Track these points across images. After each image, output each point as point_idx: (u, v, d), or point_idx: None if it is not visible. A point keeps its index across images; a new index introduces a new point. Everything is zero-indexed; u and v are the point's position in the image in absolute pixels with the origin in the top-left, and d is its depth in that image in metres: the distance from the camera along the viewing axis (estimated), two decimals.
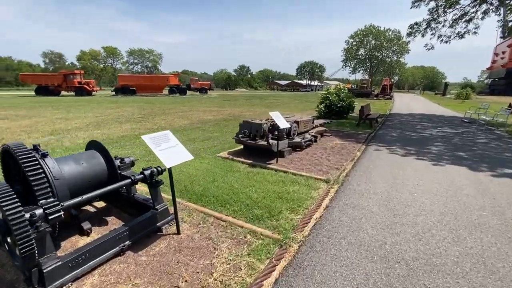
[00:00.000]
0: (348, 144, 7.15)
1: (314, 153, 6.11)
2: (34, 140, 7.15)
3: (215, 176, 4.46)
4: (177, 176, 4.39)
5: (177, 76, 37.54)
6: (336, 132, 9.15)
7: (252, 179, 4.33)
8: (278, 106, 21.81)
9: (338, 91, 12.73)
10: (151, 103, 22.39)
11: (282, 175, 4.58)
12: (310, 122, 7.12)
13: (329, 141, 7.61)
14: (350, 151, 6.40)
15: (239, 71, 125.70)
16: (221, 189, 3.90)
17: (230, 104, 23.02)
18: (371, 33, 63.43)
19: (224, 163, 5.22)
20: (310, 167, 5.04)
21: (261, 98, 33.41)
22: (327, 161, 5.47)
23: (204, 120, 11.83)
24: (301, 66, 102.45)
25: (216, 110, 16.84)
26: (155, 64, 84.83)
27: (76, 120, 11.22)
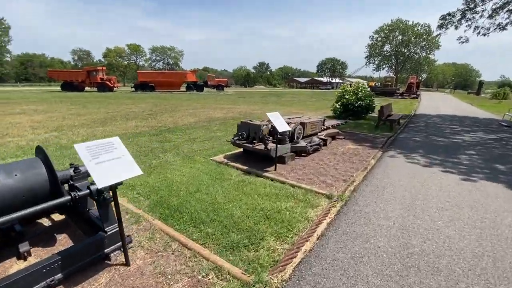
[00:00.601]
0: (362, 150, 6.33)
1: (321, 160, 5.39)
2: (35, 136, 7.06)
3: (200, 185, 3.93)
4: (156, 184, 3.91)
5: (194, 73, 37.62)
6: (350, 134, 8.30)
7: (240, 191, 3.75)
8: (294, 104, 20.97)
9: (356, 89, 11.73)
10: (166, 99, 22.45)
11: (278, 186, 3.95)
12: (320, 124, 6.38)
13: (341, 145, 6.82)
14: (363, 158, 5.60)
15: (258, 68, 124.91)
16: (201, 202, 3.36)
17: (244, 101, 22.51)
18: (398, 28, 59.86)
19: (216, 169, 4.68)
20: (312, 177, 4.35)
21: (278, 96, 32.62)
22: (334, 170, 4.75)
23: (212, 118, 11.39)
24: (321, 63, 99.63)
25: (228, 107, 16.39)
26: (176, 61, 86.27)
27: (86, 116, 11.23)
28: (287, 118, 5.96)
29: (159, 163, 4.97)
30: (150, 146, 6.26)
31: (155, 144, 6.47)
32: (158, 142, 6.65)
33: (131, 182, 3.96)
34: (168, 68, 77.69)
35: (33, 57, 69.99)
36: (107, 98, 22.78)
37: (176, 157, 5.40)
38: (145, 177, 4.20)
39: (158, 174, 4.37)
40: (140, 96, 25.52)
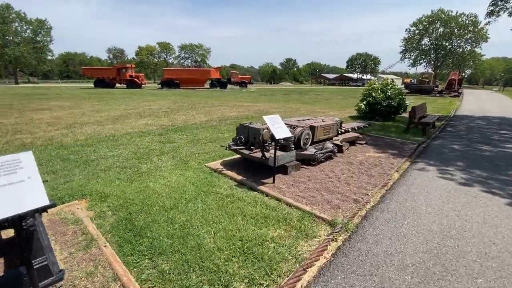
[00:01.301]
0: (385, 159, 5.38)
1: (332, 170, 4.60)
2: (45, 134, 7.08)
3: (180, 199, 3.39)
4: (133, 195, 3.45)
5: (218, 70, 37.65)
6: (374, 139, 7.28)
7: (224, 210, 3.15)
8: (317, 102, 19.85)
9: (385, 86, 10.49)
10: (187, 96, 22.54)
11: (271, 205, 3.28)
12: (335, 127, 5.54)
13: (361, 152, 5.91)
14: (384, 170, 4.69)
15: (285, 64, 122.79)
16: (171, 224, 2.81)
17: (265, 99, 21.83)
18: (439, 19, 54.65)
19: (206, 178, 4.12)
20: (316, 194, 3.61)
21: (301, 93, 31.44)
22: (345, 185, 3.95)
23: (225, 116, 10.92)
24: (352, 58, 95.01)
25: (246, 105, 15.85)
26: (204, 58, 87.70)
27: (104, 113, 11.36)
28: (296, 121, 5.23)
29: (149, 168, 4.55)
30: (149, 147, 5.90)
31: (155, 145, 6.11)
32: (159, 143, 6.28)
33: (106, 191, 3.55)
34: (195, 65, 79.29)
35: (74, 56, 75.53)
36: (133, 94, 23.47)
37: (170, 161, 4.95)
38: (125, 186, 3.77)
39: (140, 182, 3.93)
40: (163, 93, 25.99)
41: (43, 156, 5.09)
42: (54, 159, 4.94)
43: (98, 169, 4.44)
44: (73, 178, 4.03)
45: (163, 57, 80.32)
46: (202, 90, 33.47)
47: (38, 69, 42.98)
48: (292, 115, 11.63)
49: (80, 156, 5.13)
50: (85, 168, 4.48)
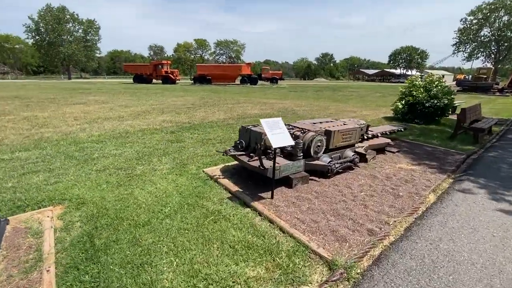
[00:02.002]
0: (420, 173, 4.40)
1: (348, 185, 3.82)
2: (66, 128, 7.28)
3: (159, 213, 2.97)
4: (110, 204, 3.11)
5: (249, 65, 37.27)
6: (410, 146, 6.18)
7: (202, 231, 2.64)
8: (350, 99, 18.39)
9: (429, 84, 9.04)
10: (216, 92, 22.55)
11: (260, 230, 2.69)
12: (358, 132, 4.68)
13: (390, 162, 4.96)
14: (417, 189, 3.77)
15: (321, 59, 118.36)
16: (132, 247, 2.38)
17: (294, 95, 20.90)
18: (503, 7, 47.43)
19: (198, 187, 3.66)
20: (320, 219, 2.92)
21: (335, 90, 29.68)
22: (361, 208, 3.18)
23: (246, 114, 10.43)
24: (395, 52, 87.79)
25: (272, 102, 15.19)
26: (238, 54, 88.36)
27: (131, 108, 11.63)
28: (310, 124, 4.50)
29: (143, 171, 4.23)
30: (155, 146, 5.65)
31: (162, 144, 5.84)
32: (167, 142, 6.01)
33: (87, 197, 3.27)
34: (229, 61, 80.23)
35: (120, 53, 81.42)
36: (165, 90, 24.19)
37: (169, 164, 4.59)
38: (109, 191, 3.47)
39: (127, 188, 3.61)
40: (194, 89, 26.43)
41: (51, 152, 5.09)
42: (59, 155, 4.90)
43: (93, 169, 4.25)
44: (64, 178, 3.86)
45: (199, 53, 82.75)
46: (233, 86, 33.46)
47: (87, 65, 47.17)
48: (319, 114, 10.72)
49: (84, 154, 5.04)
50: (82, 168, 4.31)
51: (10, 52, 51.62)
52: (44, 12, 39.46)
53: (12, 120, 8.22)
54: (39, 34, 40.34)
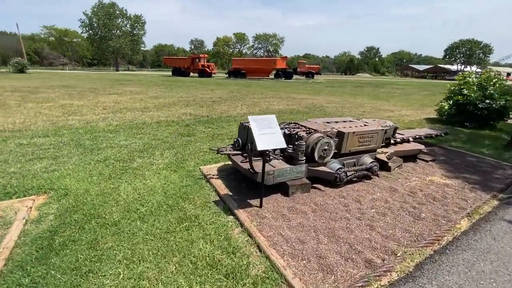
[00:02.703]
0: (456, 190, 3.57)
1: (359, 199, 3.21)
2: (91, 117, 7.60)
3: (133, 213, 2.75)
4: (91, 198, 2.99)
5: (284, 59, 36.23)
6: (451, 154, 5.18)
7: (168, 240, 2.35)
8: (392, 97, 16.72)
9: (485, 81, 7.59)
10: (248, 86, 22.33)
11: (235, 245, 2.32)
12: (380, 134, 3.96)
13: (420, 173, 4.16)
14: (447, 211, 3.01)
15: (365, 53, 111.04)
16: (87, 250, 2.18)
17: (328, 91, 19.73)
18: None
19: (188, 186, 3.39)
20: (309, 239, 2.43)
21: (377, 86, 27.45)
22: (366, 230, 2.60)
23: (269, 110, 9.97)
24: (452, 46, 78.21)
25: (302, 97, 14.44)
26: (276, 48, 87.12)
27: (159, 100, 11.95)
28: (323, 123, 3.93)
29: (140, 165, 4.11)
30: (164, 139, 5.55)
31: (172, 137, 5.73)
32: (178, 135, 5.89)
33: (73, 188, 3.21)
34: (267, 55, 79.56)
35: (164, 47, 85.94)
36: (199, 83, 24.69)
37: (169, 158, 4.42)
38: (96, 184, 3.38)
39: (116, 181, 3.49)
40: (227, 83, 26.56)
41: (65, 139, 5.29)
42: (70, 143, 5.05)
43: (94, 159, 4.25)
44: (62, 167, 3.90)
45: (237, 47, 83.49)
46: (266, 80, 32.96)
47: (133, 58, 50.73)
48: (350, 112, 9.81)
49: (94, 143, 5.13)
50: (85, 157, 4.35)
51: (69, 45, 57.94)
52: (97, 8, 43.20)
53: (50, 107, 8.92)
54: (92, 29, 44.51)
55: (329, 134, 3.54)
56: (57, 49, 60.96)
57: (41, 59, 60.07)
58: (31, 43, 59.75)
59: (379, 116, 9.22)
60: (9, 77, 23.43)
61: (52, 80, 21.86)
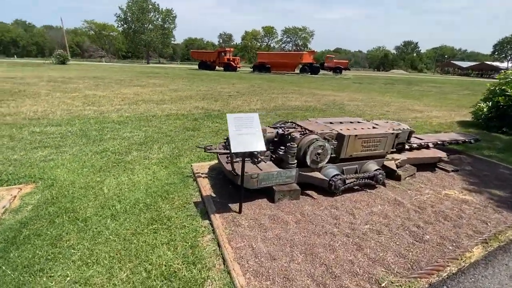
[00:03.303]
0: (476, 208, 3.04)
1: (353, 212, 2.85)
2: (107, 108, 7.84)
3: (106, 210, 2.68)
4: (75, 190, 2.98)
5: (312, 53, 34.94)
6: (480, 164, 4.50)
7: (131, 244, 2.22)
8: (425, 96, 15.38)
9: None
10: (271, 81, 21.94)
11: (199, 254, 2.13)
12: (389, 139, 3.49)
13: (436, 184, 3.63)
14: (457, 234, 2.54)
15: (402, 48, 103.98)
16: (46, 247, 2.13)
17: (355, 87, 18.69)
18: None
19: (172, 184, 3.27)
20: (282, 255, 2.15)
21: (411, 83, 25.51)
22: (352, 250, 2.26)
23: (284, 106, 9.60)
24: (503, 41, 70.20)
25: (324, 94, 13.78)
26: (305, 42, 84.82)
27: (177, 93, 12.10)
28: (325, 123, 3.58)
29: (134, 158, 4.08)
30: (167, 133, 5.52)
31: (176, 131, 5.68)
32: (182, 130, 5.83)
33: (61, 179, 3.24)
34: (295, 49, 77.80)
35: (194, 41, 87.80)
36: (222, 77, 24.77)
37: (164, 153, 4.35)
38: (84, 176, 3.38)
39: (103, 174, 3.46)
40: (250, 77, 26.34)
41: (74, 129, 5.46)
42: (77, 133, 5.20)
43: (93, 150, 4.30)
44: (60, 156, 3.98)
45: (265, 41, 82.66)
46: (291, 75, 32.15)
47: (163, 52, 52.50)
48: (371, 111, 9.12)
49: (99, 133, 5.23)
50: (85, 147, 4.43)
51: (106, 39, 61.52)
52: (131, 2, 45.13)
53: (74, 97, 9.39)
54: (126, 23, 46.73)
55: (326, 136, 3.19)
56: (96, 42, 65.13)
57: (82, 51, 64.60)
58: (73, 37, 64.46)
59: (404, 117, 8.45)
60: (51, 68, 25.41)
61: (87, 71, 23.28)
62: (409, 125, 7.29)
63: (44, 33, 65.91)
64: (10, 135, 4.88)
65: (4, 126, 5.46)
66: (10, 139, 4.67)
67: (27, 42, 60.96)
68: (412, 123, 7.48)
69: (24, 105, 7.58)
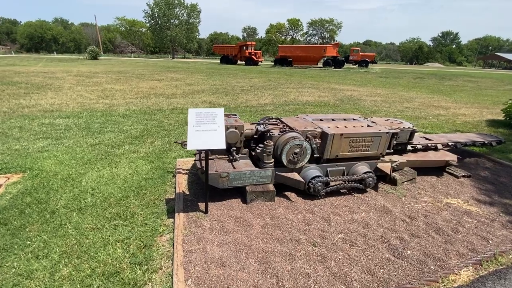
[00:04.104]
0: (480, 222, 2.63)
1: (329, 218, 2.60)
2: (117, 101, 8.09)
3: (76, 203, 2.70)
4: (55, 183, 3.06)
5: (336, 46, 33.39)
6: (501, 170, 3.94)
7: (80, 239, 2.20)
8: (457, 91, 14.08)
9: None
10: (290, 75, 21.42)
11: (144, 257, 2.05)
12: (384, 138, 3.14)
13: (439, 191, 3.23)
14: (446, 251, 2.20)
15: (439, 39, 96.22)
16: None
17: (379, 82, 17.61)
18: None
19: (149, 180, 3.24)
20: (234, 262, 2.00)
21: (443, 78, 23.53)
22: (313, 263, 2.04)
23: (294, 101, 9.27)
24: None
25: (342, 89, 13.14)
26: (332, 34, 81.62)
27: (191, 87, 12.23)
28: (311, 120, 3.32)
29: (123, 151, 4.12)
30: (165, 127, 5.55)
31: (175, 125, 5.70)
32: (181, 124, 5.83)
33: (47, 170, 3.34)
34: (321, 42, 75.27)
35: (219, 35, 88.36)
36: (241, 71, 24.65)
37: (153, 148, 4.35)
38: (69, 168, 3.47)
39: (89, 166, 3.53)
40: (270, 71, 25.94)
41: (80, 122, 5.68)
42: (81, 125, 5.39)
43: (88, 143, 4.42)
44: (56, 148, 4.14)
45: (290, 34, 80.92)
46: (313, 69, 31.10)
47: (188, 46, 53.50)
48: (390, 108, 8.48)
49: (101, 126, 5.39)
50: (83, 139, 4.57)
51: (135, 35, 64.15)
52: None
53: (92, 90, 9.85)
54: (153, 19, 48.22)
55: (309, 135, 2.94)
56: (127, 38, 68.17)
57: (114, 47, 68.04)
58: (106, 33, 68.08)
59: (424, 115, 7.75)
60: (83, 63, 27.03)
61: (113, 66, 24.43)
62: (428, 123, 6.67)
63: (80, 30, 70.41)
64: (21, 126, 5.19)
65: (19, 117, 5.83)
66: (20, 130, 4.96)
67: (66, 39, 65.55)
68: (431, 122, 6.82)
69: (45, 98, 8.08)
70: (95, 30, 59.41)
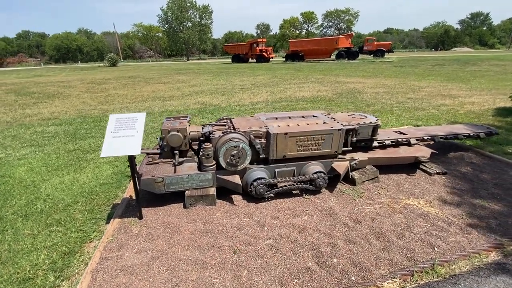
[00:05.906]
0: (435, 226, 2.37)
1: (265, 222, 2.48)
2: (118, 106, 8.43)
3: (25, 209, 2.82)
4: (13, 189, 3.22)
5: (349, 37, 32.04)
6: (488, 166, 3.55)
7: (9, 248, 2.29)
8: (477, 78, 13.00)
9: None
10: (299, 70, 21.00)
11: (70, 263, 2.09)
12: (337, 136, 2.93)
13: (402, 191, 2.97)
14: (377, 261, 2.00)
15: (468, 22, 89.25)
16: None
17: (392, 72, 16.72)
18: None
19: (107, 185, 3.31)
20: (142, 272, 1.96)
21: (466, 63, 21.82)
22: (223, 273, 1.94)
23: (290, 98, 9.06)
24: None
25: (347, 81, 12.62)
26: (349, 25, 78.77)
27: (192, 88, 12.41)
28: (269, 119, 3.20)
29: (94, 157, 4.25)
30: (146, 130, 5.65)
31: (156, 129, 5.78)
32: None
33: (16, 177, 3.53)
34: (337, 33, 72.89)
35: (233, 34, 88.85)
36: (249, 69, 24.55)
37: None
38: (37, 175, 3.63)
39: (56, 173, 3.68)
40: (279, 67, 25.59)
41: (70, 128, 5.95)
42: (68, 132, 5.65)
43: (66, 149, 4.62)
44: (36, 155, 4.37)
45: (305, 28, 79.26)
46: (325, 62, 30.19)
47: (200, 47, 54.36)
48: (394, 99, 8.00)
49: (86, 132, 5.60)
50: (63, 145, 4.78)
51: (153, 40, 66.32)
52: (171, 2, 47.51)
53: (96, 97, 10.31)
54: (167, 23, 49.57)
55: (254, 135, 2.83)
56: (145, 44, 70.75)
57: (134, 53, 70.91)
58: (126, 40, 71.12)
59: (426, 105, 7.23)
60: (101, 70, 28.44)
61: (127, 71, 25.44)
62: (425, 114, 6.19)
63: (102, 39, 74.17)
64: (15, 135, 5.55)
65: (18, 126, 6.24)
66: (12, 139, 5.30)
67: (89, 48, 69.43)
68: (430, 113, 6.32)
69: (49, 107, 8.58)
70: (115, 38, 62.25)
